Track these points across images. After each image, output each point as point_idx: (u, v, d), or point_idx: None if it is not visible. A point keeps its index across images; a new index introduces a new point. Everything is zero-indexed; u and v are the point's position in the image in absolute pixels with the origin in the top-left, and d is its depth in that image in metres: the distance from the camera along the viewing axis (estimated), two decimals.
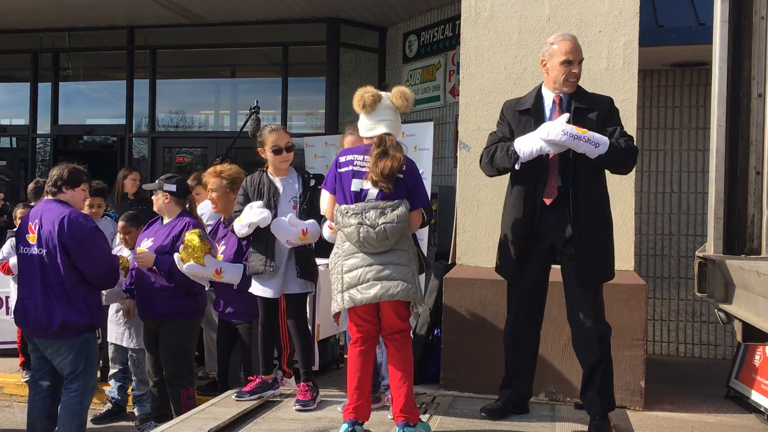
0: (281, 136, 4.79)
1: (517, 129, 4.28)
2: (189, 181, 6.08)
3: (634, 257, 5.34)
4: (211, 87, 12.33)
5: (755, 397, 5.36)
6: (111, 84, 12.20)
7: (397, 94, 4.09)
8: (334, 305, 4.04)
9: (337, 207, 4.04)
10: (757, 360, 5.54)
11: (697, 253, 3.83)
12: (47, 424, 4.95)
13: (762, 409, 5.24)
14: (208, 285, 5.43)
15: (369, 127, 4.11)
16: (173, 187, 5.29)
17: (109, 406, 6.31)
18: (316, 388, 4.77)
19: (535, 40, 5.35)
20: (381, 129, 4.07)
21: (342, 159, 4.12)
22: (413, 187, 4.05)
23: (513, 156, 4.15)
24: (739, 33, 3.71)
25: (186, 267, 4.96)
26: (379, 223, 3.88)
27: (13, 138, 12.46)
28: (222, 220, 5.61)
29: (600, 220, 4.27)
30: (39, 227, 4.82)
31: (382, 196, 3.97)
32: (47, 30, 11.42)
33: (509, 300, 4.49)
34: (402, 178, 4.00)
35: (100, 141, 12.26)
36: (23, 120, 12.03)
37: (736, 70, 3.71)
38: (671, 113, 7.66)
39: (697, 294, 3.81)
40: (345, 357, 4.93)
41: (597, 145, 4.05)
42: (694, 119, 7.60)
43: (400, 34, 10.04)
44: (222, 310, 5.48)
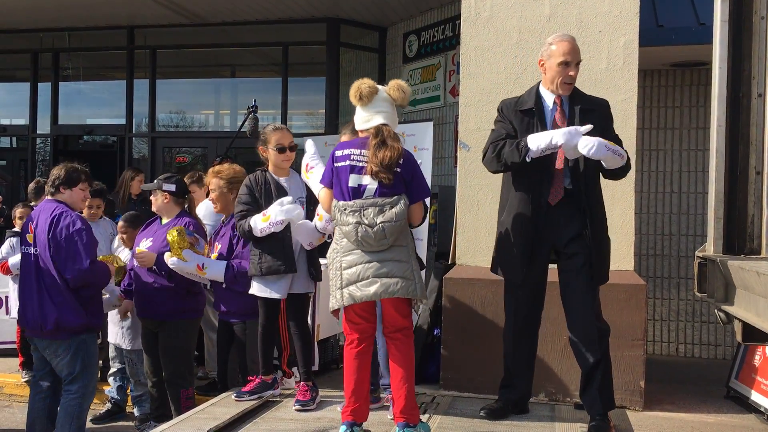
0: (285, 135, 4.78)
1: (520, 128, 4.26)
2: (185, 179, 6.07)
3: (634, 257, 5.34)
4: (211, 87, 12.31)
5: (755, 398, 5.36)
6: (111, 84, 12.18)
7: (394, 86, 4.07)
8: (332, 301, 4.00)
9: (336, 203, 3.99)
10: (757, 360, 5.54)
11: (697, 253, 3.83)
12: (47, 424, 4.94)
13: (762, 409, 5.24)
14: (208, 284, 5.42)
15: (365, 119, 4.07)
16: (172, 187, 5.29)
17: (109, 406, 6.31)
18: (315, 388, 4.77)
19: (535, 40, 5.35)
20: (378, 120, 4.02)
21: (339, 153, 4.06)
22: (411, 179, 3.99)
23: (524, 150, 4.08)
24: (740, 33, 3.71)
25: (170, 263, 4.99)
26: (378, 222, 3.85)
27: (13, 138, 12.45)
28: (222, 220, 5.61)
29: (603, 219, 4.33)
30: (35, 227, 4.84)
31: (380, 192, 3.94)
32: (47, 30, 11.41)
33: (507, 300, 4.47)
34: (400, 172, 3.95)
35: (100, 141, 12.26)
36: (23, 120, 12.02)
37: (736, 70, 3.71)
38: (671, 113, 7.66)
39: (697, 294, 3.81)
40: None
41: (622, 157, 4.14)
42: (694, 119, 7.60)
43: (400, 34, 10.03)
44: (220, 309, 5.47)
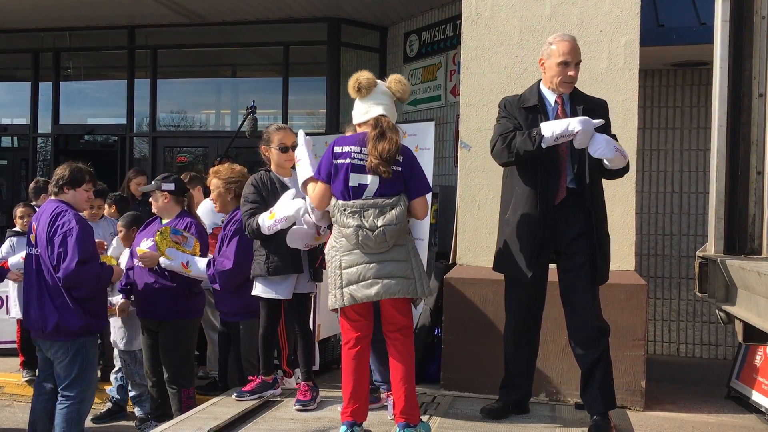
0: (287, 135, 4.78)
1: (525, 125, 4.24)
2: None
3: (634, 257, 5.34)
4: (212, 86, 12.32)
5: (756, 398, 5.36)
6: (112, 83, 12.19)
7: (394, 79, 4.05)
8: (331, 300, 3.96)
9: (335, 203, 3.95)
10: (758, 360, 5.53)
11: (698, 253, 3.82)
12: (48, 425, 4.92)
13: (763, 410, 5.23)
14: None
15: (364, 111, 4.03)
16: (171, 186, 5.28)
17: (110, 405, 6.31)
18: (316, 387, 4.76)
19: (536, 39, 5.34)
20: (377, 111, 3.98)
21: (338, 149, 3.98)
22: (411, 176, 3.96)
23: (538, 137, 4.04)
24: (740, 33, 3.71)
25: (159, 262, 5.07)
26: (378, 226, 3.82)
27: (14, 137, 12.46)
28: (222, 220, 5.60)
29: (604, 219, 4.33)
30: (37, 227, 4.82)
31: (380, 191, 3.91)
32: (48, 30, 11.41)
33: (508, 300, 4.47)
34: (400, 171, 3.93)
35: (101, 140, 12.27)
36: (24, 119, 12.03)
37: (737, 69, 3.70)
38: (672, 113, 7.66)
39: (698, 294, 3.80)
40: None
41: (625, 157, 4.15)
42: (695, 119, 7.59)
43: (400, 33, 10.03)
44: (221, 309, 5.46)
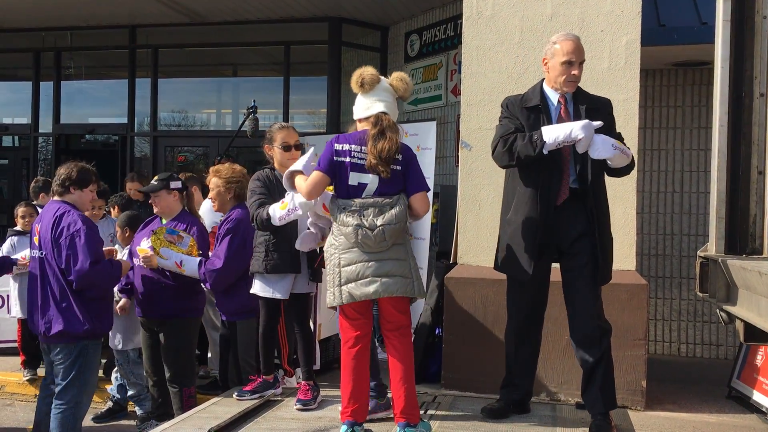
0: (290, 133, 4.79)
1: (526, 125, 4.23)
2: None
3: (635, 257, 5.33)
4: (213, 86, 12.32)
5: (757, 398, 5.35)
6: (113, 83, 12.19)
7: (397, 77, 4.06)
8: (330, 297, 3.97)
9: (335, 201, 3.98)
10: (759, 360, 5.53)
11: (699, 253, 3.82)
12: None
13: (764, 410, 5.23)
14: None
15: (366, 106, 4.04)
16: (179, 183, 5.34)
17: (110, 404, 6.31)
18: (317, 387, 4.76)
19: (537, 39, 5.34)
20: (378, 107, 3.99)
21: (338, 147, 3.99)
22: (408, 173, 3.98)
23: (539, 142, 4.05)
24: (742, 32, 3.70)
25: (156, 261, 5.10)
26: (378, 225, 3.83)
27: (16, 137, 12.48)
28: (221, 219, 5.60)
29: (607, 219, 4.32)
30: (41, 229, 4.75)
31: (380, 190, 3.93)
32: (49, 29, 11.43)
33: (510, 300, 4.47)
34: (399, 169, 3.95)
35: (102, 140, 12.28)
36: (25, 119, 12.04)
37: (738, 69, 3.70)
38: (673, 113, 7.65)
39: (699, 294, 3.80)
40: None
41: (628, 155, 4.15)
42: (696, 119, 7.59)
43: (401, 33, 10.03)
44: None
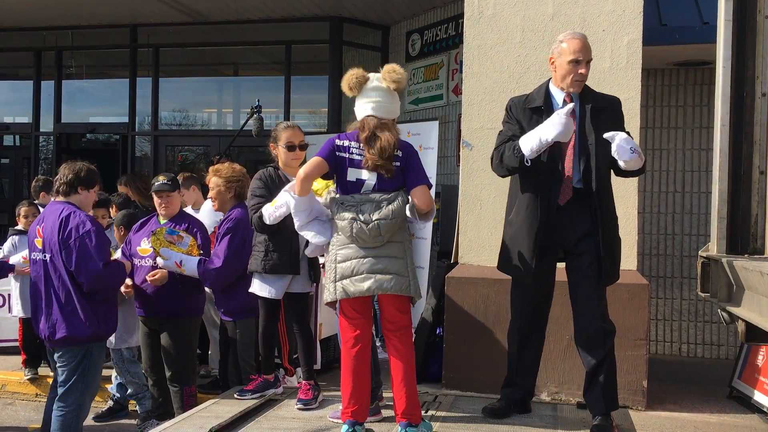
0: (296, 133, 4.80)
1: (529, 126, 4.20)
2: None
3: (637, 257, 5.33)
4: (214, 85, 12.32)
5: (758, 398, 5.35)
6: (114, 82, 12.20)
7: (386, 70, 4.04)
8: (326, 294, 4.01)
9: (334, 197, 4.02)
10: (760, 360, 5.52)
11: (701, 253, 3.82)
12: None
13: (765, 410, 5.22)
14: None
15: (358, 110, 4.10)
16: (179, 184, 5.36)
17: (111, 403, 6.32)
18: (317, 386, 4.76)
19: (539, 38, 5.34)
20: (365, 111, 4.04)
21: (339, 143, 4.04)
22: (408, 168, 3.97)
23: (518, 154, 4.06)
24: (743, 32, 3.71)
25: (156, 261, 5.11)
26: (373, 219, 3.85)
27: (17, 136, 12.48)
28: (220, 218, 5.60)
29: (614, 219, 4.29)
30: (44, 231, 4.70)
31: (379, 186, 3.94)
32: (50, 28, 11.42)
33: (514, 299, 4.47)
34: (399, 165, 3.95)
35: (103, 139, 12.28)
36: (26, 118, 12.03)
37: (740, 69, 3.71)
38: (675, 112, 7.64)
39: (700, 294, 3.80)
40: None
41: (643, 159, 4.09)
42: (697, 118, 7.58)
43: (403, 32, 10.03)
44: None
